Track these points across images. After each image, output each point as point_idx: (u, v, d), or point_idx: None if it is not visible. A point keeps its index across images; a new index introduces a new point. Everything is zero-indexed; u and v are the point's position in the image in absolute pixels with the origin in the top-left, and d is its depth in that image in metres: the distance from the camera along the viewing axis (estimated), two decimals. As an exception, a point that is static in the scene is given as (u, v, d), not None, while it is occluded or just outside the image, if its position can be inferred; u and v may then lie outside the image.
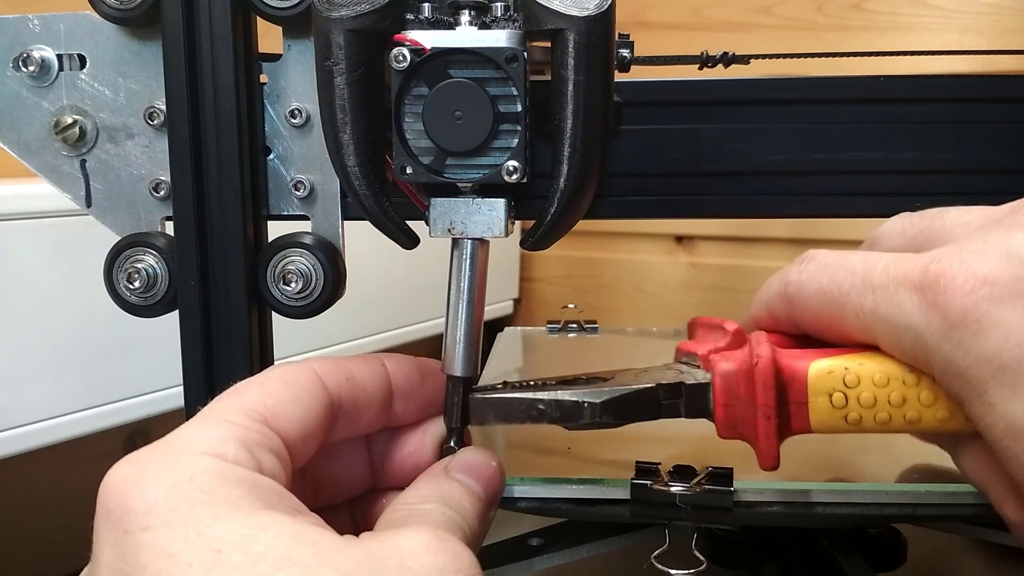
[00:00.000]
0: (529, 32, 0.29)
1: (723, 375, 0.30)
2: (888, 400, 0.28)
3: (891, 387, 0.28)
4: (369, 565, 0.22)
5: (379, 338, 0.78)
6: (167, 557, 0.21)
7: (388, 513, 0.27)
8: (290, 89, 0.34)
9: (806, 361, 0.29)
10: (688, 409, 0.30)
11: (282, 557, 0.21)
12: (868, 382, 0.28)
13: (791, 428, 0.29)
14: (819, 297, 0.29)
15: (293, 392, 0.28)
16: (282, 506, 0.24)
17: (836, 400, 0.29)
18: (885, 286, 0.27)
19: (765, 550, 0.43)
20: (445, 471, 0.30)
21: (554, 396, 0.30)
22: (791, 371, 0.29)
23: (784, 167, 0.34)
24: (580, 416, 0.30)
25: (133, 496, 0.23)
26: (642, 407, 0.30)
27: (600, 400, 0.29)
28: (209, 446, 0.24)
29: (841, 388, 0.28)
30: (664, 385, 0.30)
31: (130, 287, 0.35)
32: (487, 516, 0.29)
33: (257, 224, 0.35)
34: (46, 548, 0.64)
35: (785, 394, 0.29)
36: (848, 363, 0.29)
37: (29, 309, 0.53)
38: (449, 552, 0.23)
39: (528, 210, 0.32)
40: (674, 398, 0.30)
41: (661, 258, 0.97)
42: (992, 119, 0.33)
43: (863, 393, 0.28)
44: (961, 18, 0.82)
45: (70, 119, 0.34)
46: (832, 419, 0.29)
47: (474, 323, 0.32)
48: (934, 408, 0.28)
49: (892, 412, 0.28)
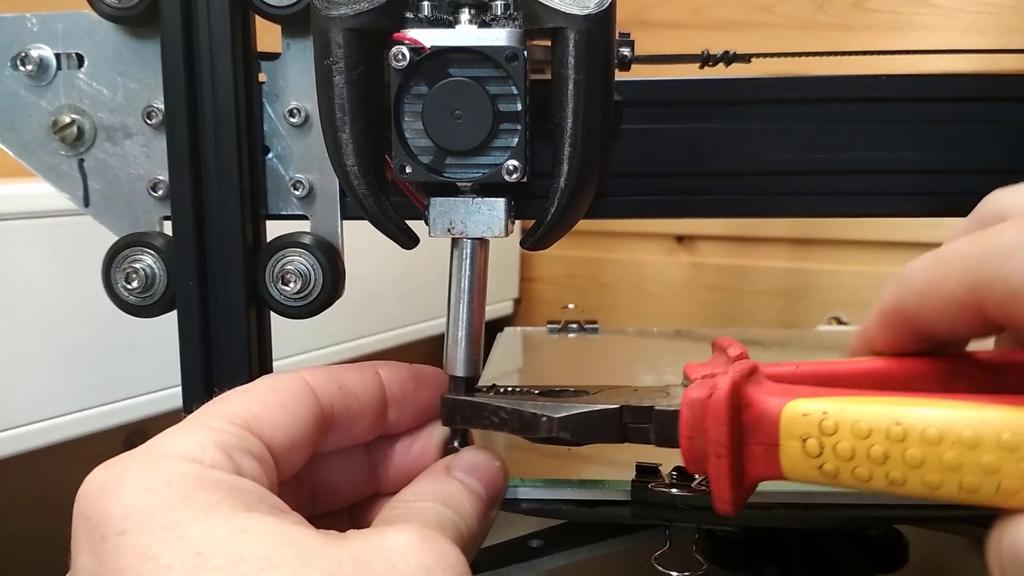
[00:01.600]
0: (529, 31, 0.29)
1: (689, 404, 0.26)
2: (868, 454, 0.24)
3: (872, 439, 0.24)
4: (352, 565, 0.22)
5: (378, 338, 0.78)
6: (147, 560, 0.21)
7: (385, 511, 0.27)
8: (289, 88, 0.34)
9: (783, 399, 0.25)
10: (658, 436, 0.28)
11: (263, 558, 0.21)
12: (847, 431, 0.24)
13: (758, 471, 0.26)
14: (988, 275, 0.23)
15: (281, 399, 0.27)
16: (262, 507, 0.23)
17: (810, 447, 0.25)
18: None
19: (766, 551, 0.43)
20: (447, 469, 0.30)
21: (517, 406, 0.29)
22: (762, 409, 0.26)
23: (784, 167, 0.34)
24: (538, 430, 0.28)
25: (110, 501, 0.22)
26: (604, 428, 0.28)
27: (558, 416, 0.28)
28: (187, 450, 0.24)
29: (816, 434, 0.24)
30: (630, 408, 0.28)
31: (128, 287, 0.35)
32: (488, 516, 0.29)
33: (256, 224, 0.35)
34: (46, 548, 0.64)
35: (752, 434, 0.26)
36: (828, 406, 0.25)
37: (28, 309, 0.53)
38: (435, 551, 0.23)
39: (528, 210, 0.32)
40: (643, 423, 0.28)
41: (661, 258, 0.97)
42: (992, 119, 0.33)
43: (840, 443, 0.24)
44: (962, 17, 0.82)
45: (68, 118, 0.34)
46: (805, 468, 0.25)
47: (475, 323, 0.32)
48: (921, 470, 0.23)
49: (873, 469, 0.24)
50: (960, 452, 0.22)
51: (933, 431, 0.23)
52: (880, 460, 0.24)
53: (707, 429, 0.26)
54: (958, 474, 0.22)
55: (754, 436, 0.26)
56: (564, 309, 0.69)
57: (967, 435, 0.22)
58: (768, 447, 0.25)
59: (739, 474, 0.26)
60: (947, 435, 0.23)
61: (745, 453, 0.26)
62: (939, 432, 0.23)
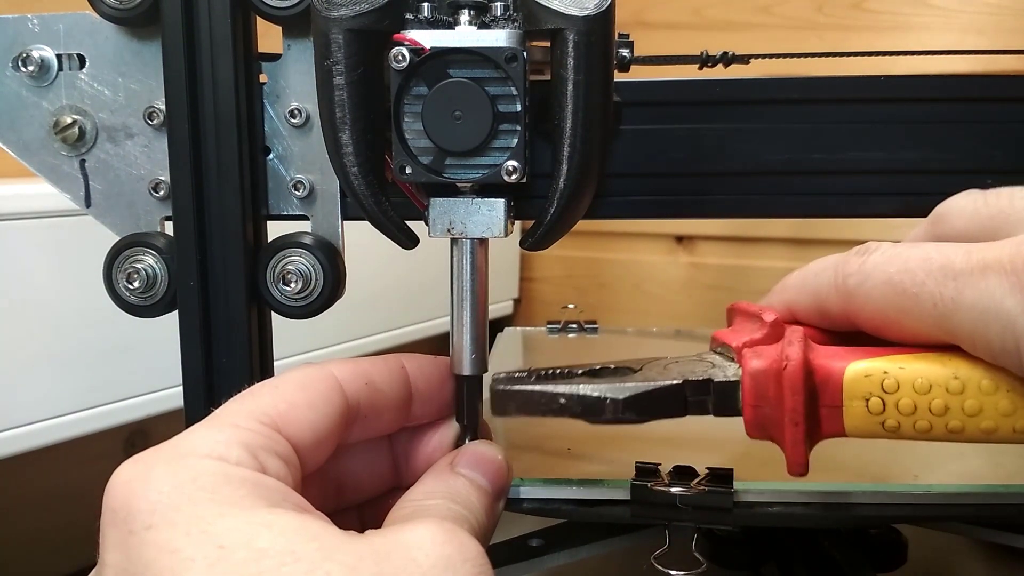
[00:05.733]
0: (529, 32, 0.29)
1: (752, 374, 0.28)
2: (929, 408, 0.26)
3: (933, 394, 0.26)
4: (374, 558, 0.22)
5: (379, 338, 0.78)
6: (171, 554, 0.21)
7: (395, 511, 0.27)
8: (290, 89, 0.34)
9: (843, 362, 0.27)
10: (717, 407, 0.28)
11: (285, 552, 0.21)
12: (908, 388, 0.26)
13: (823, 432, 0.28)
14: (887, 288, 0.26)
15: (308, 397, 0.27)
16: (286, 504, 0.24)
17: (873, 406, 0.26)
18: (970, 271, 0.24)
19: (765, 551, 0.43)
20: (450, 466, 0.30)
21: (576, 391, 0.29)
22: (825, 372, 0.27)
23: (784, 167, 0.34)
24: (602, 412, 0.28)
25: (137, 496, 0.23)
26: (668, 404, 0.29)
27: (623, 397, 0.28)
28: (212, 448, 0.24)
29: (879, 393, 0.26)
30: (691, 382, 0.29)
31: (129, 287, 0.35)
32: (495, 509, 0.29)
33: (257, 224, 0.35)
34: (46, 548, 0.64)
35: (818, 397, 0.27)
36: (888, 366, 0.26)
37: (28, 309, 0.53)
38: (456, 543, 0.23)
39: (528, 210, 0.32)
40: (702, 395, 0.28)
41: (661, 258, 0.97)
42: (992, 119, 0.33)
43: (902, 399, 0.26)
44: (961, 18, 0.82)
45: (69, 119, 0.34)
46: (868, 425, 0.27)
47: (478, 322, 0.32)
48: (978, 418, 0.26)
49: (933, 421, 0.26)
50: (1014, 399, 0.25)
51: (988, 382, 0.25)
52: (941, 412, 0.26)
53: (783, 398, 0.27)
54: (1012, 419, 0.25)
55: (821, 399, 0.27)
56: (564, 309, 0.70)
57: (1020, 384, 0.25)
58: (832, 408, 0.27)
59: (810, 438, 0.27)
60: (1001, 384, 0.25)
61: (814, 417, 0.27)
62: (993, 382, 0.25)
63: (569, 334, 0.66)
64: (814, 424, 0.27)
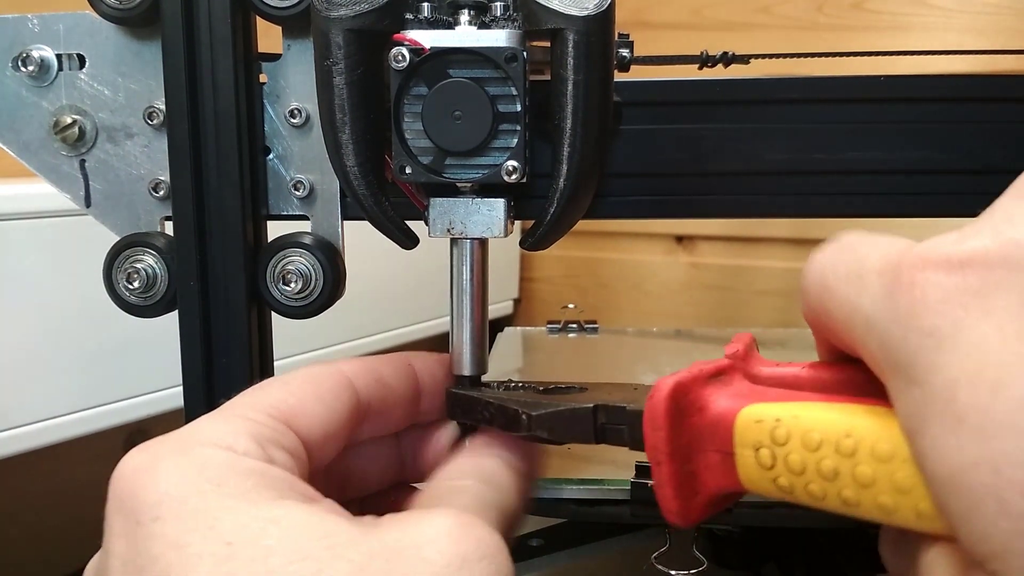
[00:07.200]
0: (529, 32, 0.29)
1: (648, 405, 0.24)
2: (818, 469, 0.21)
3: (822, 453, 0.21)
4: (384, 557, 0.21)
5: (379, 338, 0.78)
6: (178, 549, 0.21)
7: (426, 491, 0.27)
8: (290, 89, 0.34)
9: (737, 404, 0.23)
10: (631, 438, 0.25)
11: (293, 550, 0.21)
12: (797, 442, 0.21)
13: (718, 482, 0.24)
14: (817, 286, 0.22)
15: (318, 392, 0.27)
16: (294, 494, 0.23)
17: (763, 457, 0.22)
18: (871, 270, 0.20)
19: (765, 550, 0.43)
20: (485, 445, 0.30)
21: (502, 403, 0.29)
22: (716, 414, 0.23)
23: (784, 167, 0.34)
24: (519, 426, 0.28)
25: (144, 486, 0.22)
26: (577, 428, 0.27)
27: (535, 414, 0.27)
28: (220, 439, 0.24)
29: (768, 444, 0.22)
30: (604, 407, 0.26)
31: (130, 287, 0.35)
32: (526, 493, 0.29)
33: (257, 224, 0.35)
34: (46, 548, 0.64)
35: (708, 440, 0.23)
36: (781, 413, 0.22)
37: (29, 309, 0.53)
38: (473, 539, 0.23)
39: (528, 210, 0.32)
40: (618, 423, 0.26)
41: (661, 258, 0.97)
42: (992, 119, 0.33)
43: (791, 454, 0.21)
44: (961, 18, 0.82)
45: (69, 119, 0.34)
46: (761, 480, 0.22)
47: (478, 322, 0.32)
48: (872, 491, 0.20)
49: (825, 487, 0.21)
50: (911, 472, 0.19)
51: (885, 445, 0.19)
52: (831, 476, 0.21)
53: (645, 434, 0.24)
54: (910, 498, 0.19)
55: (710, 442, 0.23)
56: (564, 309, 0.70)
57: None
58: (724, 455, 0.23)
59: (691, 483, 0.24)
60: (899, 452, 0.19)
61: (700, 461, 0.24)
62: (890, 448, 0.19)
63: (569, 334, 0.66)
64: (694, 469, 0.24)
